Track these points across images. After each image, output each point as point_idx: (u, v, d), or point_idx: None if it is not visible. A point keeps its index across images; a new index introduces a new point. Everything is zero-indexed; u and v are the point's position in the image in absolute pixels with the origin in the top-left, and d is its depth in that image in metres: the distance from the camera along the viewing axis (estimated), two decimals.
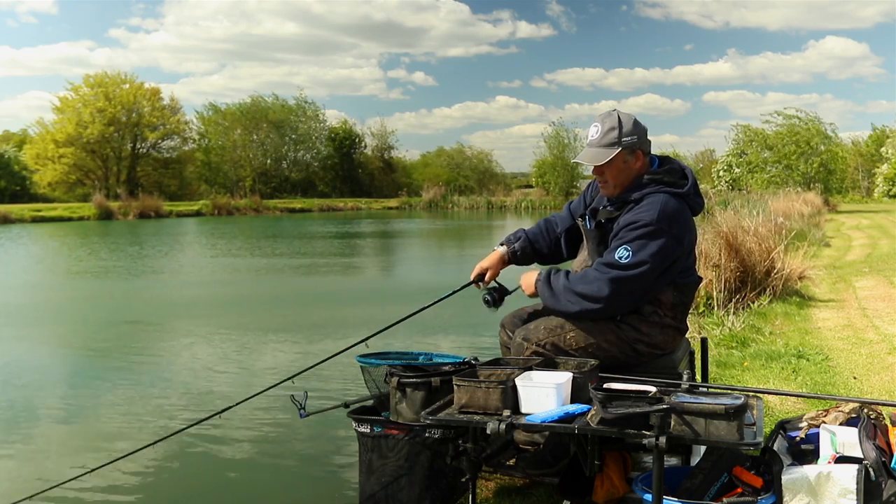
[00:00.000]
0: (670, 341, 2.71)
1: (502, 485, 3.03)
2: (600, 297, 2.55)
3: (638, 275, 2.52)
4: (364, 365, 2.89)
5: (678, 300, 2.69)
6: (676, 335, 2.74)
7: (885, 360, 4.93)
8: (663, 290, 2.64)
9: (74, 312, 8.71)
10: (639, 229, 2.54)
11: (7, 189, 36.72)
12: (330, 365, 6.09)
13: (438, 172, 47.61)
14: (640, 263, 2.52)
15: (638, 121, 2.70)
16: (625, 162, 2.66)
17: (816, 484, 2.10)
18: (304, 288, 11.27)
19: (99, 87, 39.51)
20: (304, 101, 48.38)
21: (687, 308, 2.79)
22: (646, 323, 2.64)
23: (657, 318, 2.65)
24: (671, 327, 2.69)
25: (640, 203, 2.61)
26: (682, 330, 2.79)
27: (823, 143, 32.68)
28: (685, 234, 2.61)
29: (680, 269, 2.66)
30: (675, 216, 2.58)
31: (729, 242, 7.09)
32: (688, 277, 2.73)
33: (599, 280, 2.56)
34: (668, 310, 2.67)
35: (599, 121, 2.69)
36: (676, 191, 2.63)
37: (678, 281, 2.67)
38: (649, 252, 2.52)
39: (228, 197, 37.30)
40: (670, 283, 2.65)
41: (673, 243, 2.56)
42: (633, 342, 2.64)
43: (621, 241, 2.57)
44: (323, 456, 4.02)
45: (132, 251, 16.80)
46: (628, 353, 2.66)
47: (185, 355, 6.52)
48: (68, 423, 4.74)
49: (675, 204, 2.61)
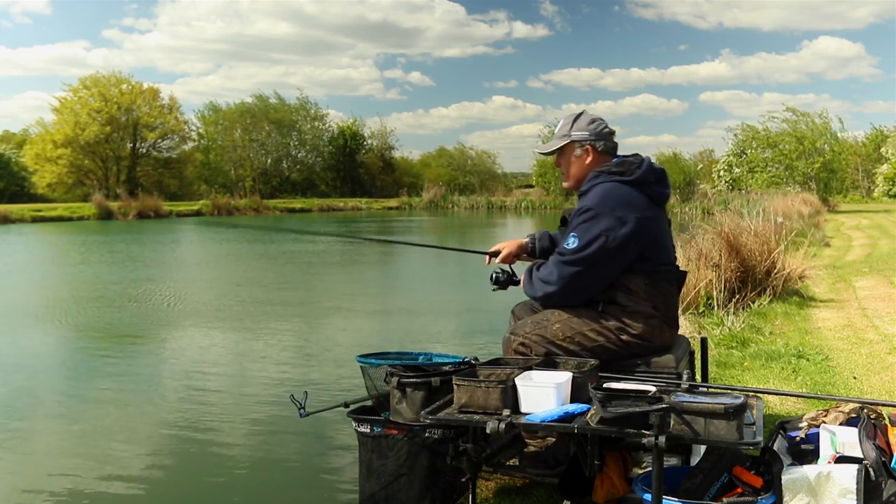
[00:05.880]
0: (656, 333, 2.70)
1: (502, 485, 3.03)
2: (553, 281, 2.71)
3: (582, 258, 2.64)
4: (364, 365, 2.88)
5: (653, 290, 2.69)
6: (663, 326, 2.72)
7: (885, 360, 4.93)
8: (631, 277, 2.68)
9: (73, 312, 8.71)
10: (582, 215, 2.67)
11: (7, 189, 36.73)
12: (330, 365, 6.10)
13: (440, 172, 47.62)
14: (583, 247, 2.63)
15: (600, 122, 2.85)
16: (576, 155, 2.82)
17: (816, 484, 2.10)
18: (304, 285, 11.29)
19: (95, 88, 39.50)
20: (306, 100, 48.50)
21: (669, 299, 2.77)
22: (625, 312, 2.68)
23: (635, 307, 2.68)
24: (653, 317, 2.68)
25: (587, 193, 2.73)
26: (669, 322, 2.76)
27: (828, 144, 32.63)
28: (630, 215, 2.64)
29: (645, 256, 2.68)
30: (617, 200, 2.66)
31: (729, 242, 7.09)
32: (656, 265, 2.72)
33: (552, 266, 2.73)
34: (643, 299, 2.68)
35: (563, 118, 2.92)
36: (623, 178, 2.70)
37: (646, 269, 2.69)
38: (591, 235, 2.63)
39: (228, 197, 37.31)
40: (640, 272, 2.68)
41: (616, 225, 2.62)
42: (617, 331, 2.67)
43: (570, 229, 2.72)
44: (323, 456, 4.02)
45: (131, 251, 16.80)
46: (616, 343, 2.68)
47: (185, 354, 6.53)
48: (67, 422, 4.73)
49: (620, 189, 2.69)
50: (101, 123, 38.75)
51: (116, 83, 40.37)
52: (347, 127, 49.08)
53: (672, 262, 2.82)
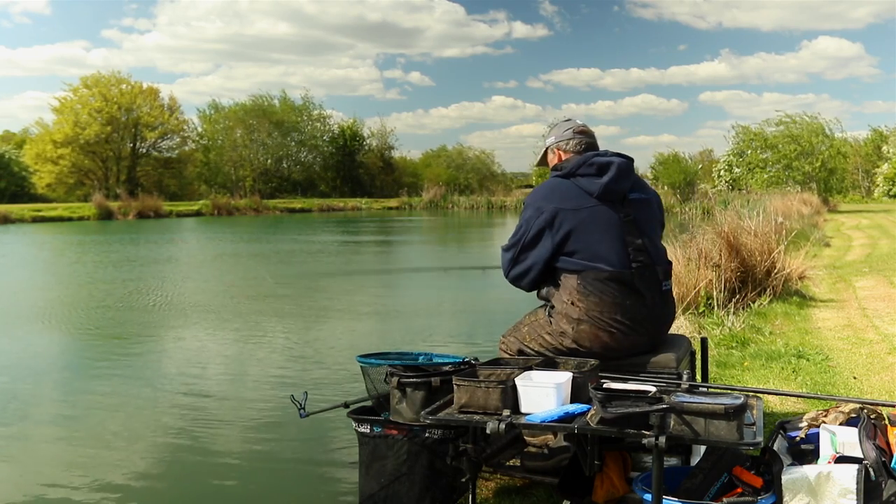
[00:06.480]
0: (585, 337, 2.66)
1: (502, 485, 3.03)
2: (503, 268, 2.92)
3: (509, 246, 2.85)
4: (364, 365, 2.88)
5: (585, 291, 2.65)
6: (596, 332, 2.64)
7: (885, 360, 4.93)
8: (567, 277, 2.70)
9: (73, 312, 8.71)
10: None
11: (7, 189, 36.74)
12: (330, 365, 6.10)
13: (440, 172, 47.65)
14: (511, 237, 2.84)
15: (572, 123, 2.97)
16: (549, 159, 3.01)
17: (816, 484, 2.10)
18: (303, 282, 11.29)
19: (95, 88, 39.52)
20: (309, 101, 48.55)
21: (604, 301, 2.64)
22: (561, 316, 2.72)
23: (565, 310, 2.69)
24: (582, 321, 2.64)
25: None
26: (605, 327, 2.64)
27: (824, 143, 32.66)
28: (548, 206, 2.72)
29: (568, 250, 2.68)
30: (544, 192, 2.79)
31: (729, 242, 7.09)
32: (585, 264, 2.66)
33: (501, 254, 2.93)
34: (577, 300, 2.66)
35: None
36: (559, 173, 2.81)
37: (576, 267, 2.67)
38: (517, 226, 2.82)
39: (228, 197, 37.33)
40: (573, 272, 2.68)
41: (533, 215, 2.75)
42: (560, 336, 2.71)
43: None
44: (323, 456, 4.02)
45: (130, 252, 16.80)
46: (561, 347, 2.72)
47: (184, 355, 6.53)
48: (66, 422, 4.73)
49: (552, 182, 2.82)
50: (101, 123, 38.80)
51: (116, 83, 40.44)
52: (347, 127, 49.13)
53: (610, 261, 2.66)
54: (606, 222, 2.70)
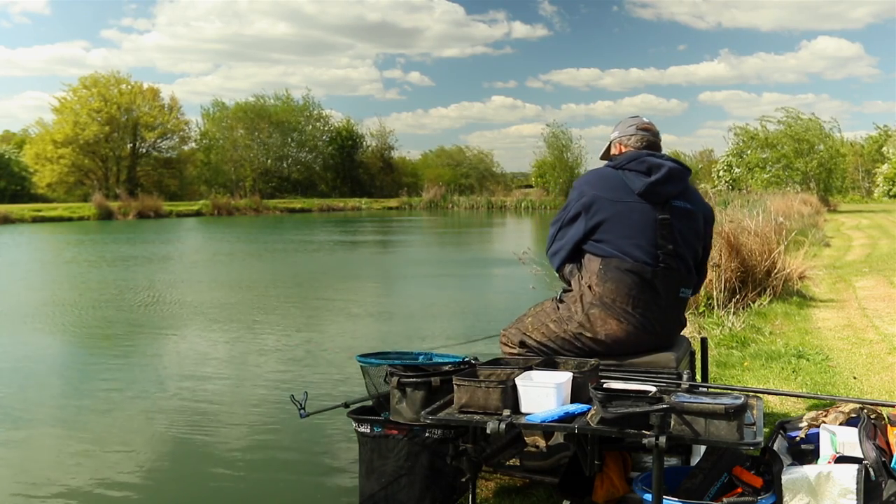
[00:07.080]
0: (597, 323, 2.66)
1: (502, 485, 3.03)
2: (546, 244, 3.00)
3: (554, 222, 2.94)
4: (364, 365, 2.88)
5: (605, 276, 2.67)
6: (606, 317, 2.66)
7: (885, 360, 4.93)
8: (591, 259, 2.75)
9: (73, 312, 8.71)
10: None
11: (7, 189, 36.74)
12: (330, 365, 6.10)
13: (439, 172, 47.66)
14: (557, 214, 2.94)
15: (628, 121, 3.03)
16: (612, 153, 3.03)
17: (816, 484, 2.09)
18: (303, 282, 11.29)
19: (95, 88, 39.53)
20: (310, 101, 48.58)
21: (621, 289, 2.66)
22: (573, 299, 2.75)
23: (581, 292, 2.72)
24: (595, 306, 2.66)
25: None
26: (618, 315, 2.65)
27: (822, 142, 32.67)
28: (590, 191, 2.78)
29: (599, 238, 2.73)
30: (590, 179, 2.87)
31: (729, 242, 7.08)
32: (612, 251, 2.68)
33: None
34: (595, 284, 2.69)
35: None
36: (610, 164, 2.88)
37: (602, 252, 2.70)
38: (564, 206, 2.91)
39: (228, 197, 37.34)
40: (597, 255, 2.72)
41: (576, 197, 2.83)
42: (567, 321, 2.72)
43: None
44: (323, 456, 4.02)
45: (129, 251, 16.80)
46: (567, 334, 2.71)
47: (184, 355, 6.53)
48: (65, 422, 4.73)
49: (600, 171, 2.87)
50: (100, 123, 38.81)
51: (116, 83, 40.43)
52: (343, 127, 49.15)
53: (636, 255, 2.68)
54: (642, 220, 2.71)
